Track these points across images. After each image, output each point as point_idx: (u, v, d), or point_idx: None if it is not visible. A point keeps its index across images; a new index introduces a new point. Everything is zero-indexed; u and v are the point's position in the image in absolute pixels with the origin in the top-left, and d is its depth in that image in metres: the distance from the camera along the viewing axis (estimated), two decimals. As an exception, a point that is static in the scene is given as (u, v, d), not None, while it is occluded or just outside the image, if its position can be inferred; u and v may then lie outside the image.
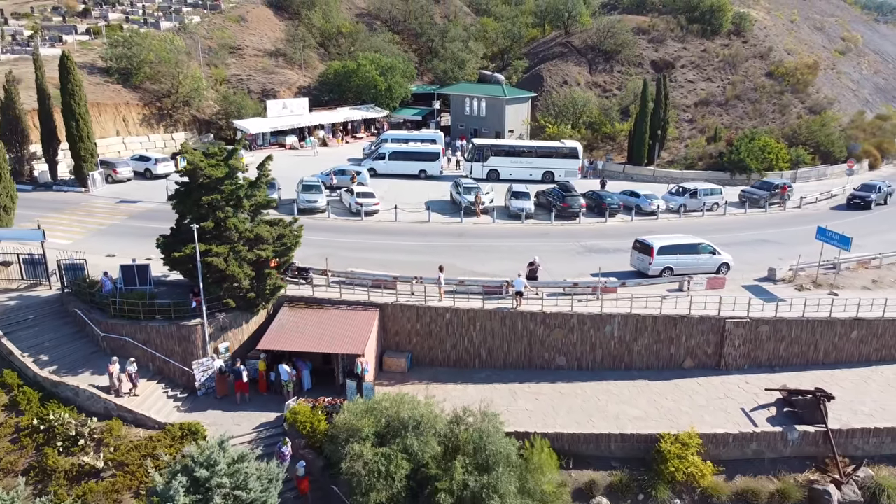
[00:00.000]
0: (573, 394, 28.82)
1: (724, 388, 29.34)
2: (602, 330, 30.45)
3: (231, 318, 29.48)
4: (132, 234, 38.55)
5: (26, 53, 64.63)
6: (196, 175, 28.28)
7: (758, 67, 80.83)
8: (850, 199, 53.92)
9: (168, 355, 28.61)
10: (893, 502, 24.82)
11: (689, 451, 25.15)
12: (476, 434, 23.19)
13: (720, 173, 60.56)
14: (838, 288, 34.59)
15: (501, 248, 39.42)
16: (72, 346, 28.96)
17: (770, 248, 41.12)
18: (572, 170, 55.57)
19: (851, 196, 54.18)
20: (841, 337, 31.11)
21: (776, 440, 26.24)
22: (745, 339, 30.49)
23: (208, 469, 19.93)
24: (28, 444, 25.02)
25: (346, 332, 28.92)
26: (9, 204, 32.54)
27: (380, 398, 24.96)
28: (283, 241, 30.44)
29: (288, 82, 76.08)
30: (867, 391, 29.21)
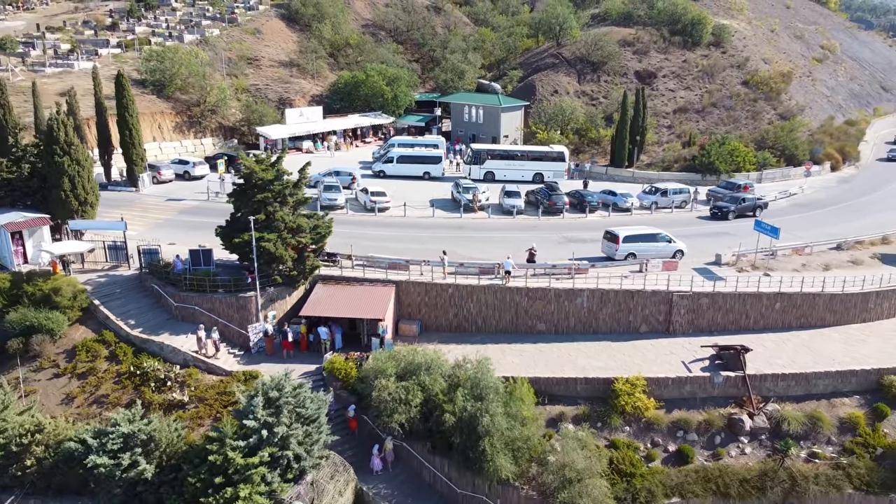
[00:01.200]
0: (550, 351, 36.74)
1: (670, 347, 37.27)
2: (574, 302, 38.39)
3: (277, 291, 37.43)
4: (183, 226, 46.52)
5: (67, 67, 72.77)
6: (251, 178, 36.20)
7: (734, 76, 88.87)
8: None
9: (228, 321, 36.53)
10: (792, 428, 32.72)
11: (637, 390, 33.08)
12: (473, 373, 31.12)
13: (693, 175, 68.46)
14: (772, 270, 42.55)
15: (495, 238, 47.35)
16: (151, 313, 36.92)
17: (726, 238, 48.87)
18: (559, 172, 63.52)
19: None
20: (767, 307, 39.05)
21: (706, 383, 34.19)
22: (688, 308, 38.46)
23: (278, 391, 27.87)
24: (128, 384, 32.97)
25: (369, 302, 36.89)
26: (94, 201, 40.41)
27: (398, 349, 32.99)
28: (318, 230, 38.39)
29: (302, 91, 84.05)
30: (784, 349, 37.11)
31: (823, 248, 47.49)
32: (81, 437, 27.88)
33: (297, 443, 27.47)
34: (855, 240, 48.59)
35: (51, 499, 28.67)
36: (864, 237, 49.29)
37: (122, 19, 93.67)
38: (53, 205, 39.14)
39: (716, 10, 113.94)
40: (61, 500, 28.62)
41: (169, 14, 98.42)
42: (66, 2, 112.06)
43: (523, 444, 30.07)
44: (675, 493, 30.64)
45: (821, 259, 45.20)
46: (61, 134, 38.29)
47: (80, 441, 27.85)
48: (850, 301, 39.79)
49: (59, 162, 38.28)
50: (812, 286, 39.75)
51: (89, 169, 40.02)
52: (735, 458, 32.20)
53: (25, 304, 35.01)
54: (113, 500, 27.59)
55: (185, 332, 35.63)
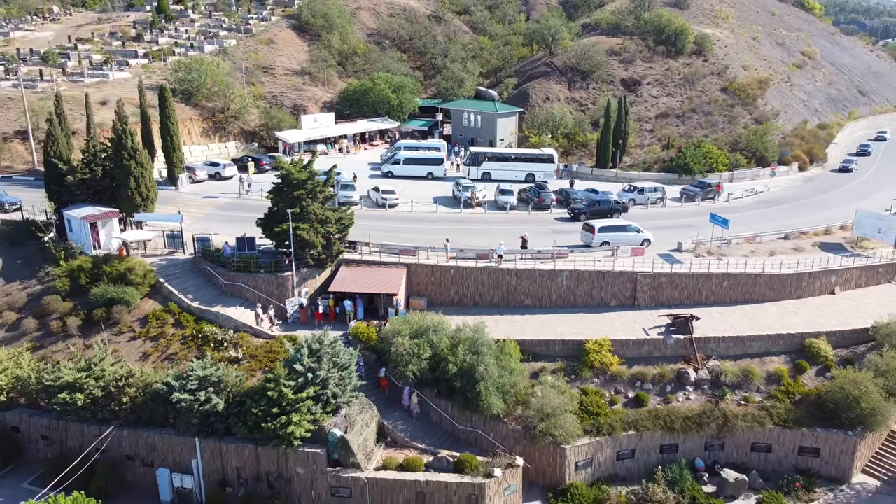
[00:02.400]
0: (534, 320, 45.11)
1: (634, 317, 45.65)
2: (555, 280, 46.79)
3: (309, 272, 45.83)
4: (221, 219, 54.90)
5: (103, 77, 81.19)
6: (289, 178, 44.56)
7: (714, 83, 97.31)
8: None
9: (269, 296, 44.88)
10: (728, 380, 41.09)
11: (604, 350, 41.49)
12: (471, 334, 39.52)
13: (671, 175, 76.88)
14: (724, 255, 50.96)
15: (491, 230, 55.72)
16: (205, 290, 45.31)
17: (691, 230, 57.11)
18: (549, 172, 71.91)
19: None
20: (716, 285, 47.43)
21: (660, 344, 42.59)
22: (650, 286, 46.84)
23: (319, 344, 36.32)
24: (191, 345, 41.36)
25: (385, 280, 45.32)
26: (154, 197, 48.76)
27: (411, 315, 41.44)
28: (342, 221, 46.80)
29: (314, 98, 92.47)
30: (728, 319, 45.46)
31: (773, 238, 55.94)
32: (166, 381, 36.33)
33: (334, 384, 35.86)
34: (800, 231, 57.12)
35: (140, 429, 37.10)
36: (809, 229, 57.80)
37: (146, 30, 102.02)
38: (121, 200, 47.53)
39: (702, 19, 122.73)
40: (149, 430, 37.01)
41: (188, 25, 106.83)
42: (90, 12, 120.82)
43: (511, 389, 38.49)
44: (631, 427, 39.06)
45: (768, 247, 53.64)
46: (128, 141, 46.70)
47: (165, 383, 36.29)
48: (786, 280, 48.21)
49: (127, 165, 46.68)
50: (755, 268, 48.15)
51: (150, 170, 48.42)
52: (681, 402, 40.64)
53: (105, 281, 43.38)
54: (190, 428, 35.99)
55: (235, 305, 44.03)
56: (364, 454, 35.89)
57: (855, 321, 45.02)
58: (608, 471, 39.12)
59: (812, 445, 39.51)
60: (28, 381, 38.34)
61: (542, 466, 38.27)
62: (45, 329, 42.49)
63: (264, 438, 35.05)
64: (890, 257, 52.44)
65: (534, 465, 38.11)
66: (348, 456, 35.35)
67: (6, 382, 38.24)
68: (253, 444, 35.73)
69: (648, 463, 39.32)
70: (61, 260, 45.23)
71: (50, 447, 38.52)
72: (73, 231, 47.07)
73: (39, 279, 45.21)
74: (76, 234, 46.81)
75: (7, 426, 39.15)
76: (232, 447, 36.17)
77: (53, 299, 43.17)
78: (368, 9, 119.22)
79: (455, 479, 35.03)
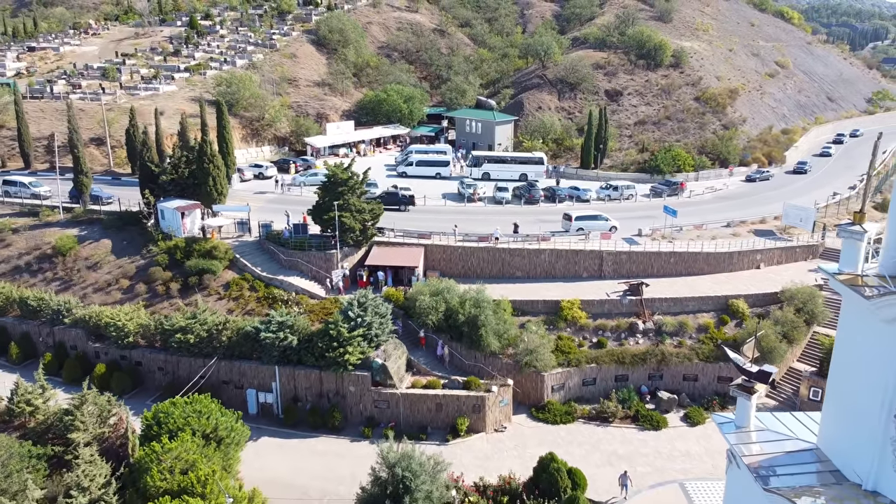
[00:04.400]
0: (524, 287, 60.08)
1: (600, 284, 60.60)
2: (540, 257, 61.76)
3: (349, 250, 60.79)
4: (271, 210, 69.76)
5: (154, 90, 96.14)
6: (335, 177, 59.49)
7: (688, 93, 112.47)
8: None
9: (318, 268, 59.81)
10: (668, 329, 56.04)
11: (575, 307, 56.47)
12: (475, 294, 54.46)
13: (644, 175, 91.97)
14: (675, 239, 65.98)
15: (490, 219, 70.64)
16: (269, 264, 60.28)
17: (652, 220, 71.97)
18: (539, 172, 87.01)
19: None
20: (665, 261, 62.42)
21: (618, 303, 57.58)
22: (613, 261, 61.82)
23: (365, 298, 51.30)
24: (264, 304, 56.30)
25: (408, 257, 60.29)
26: (226, 193, 63.71)
27: (430, 280, 56.42)
28: (374, 212, 61.74)
29: (334, 107, 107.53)
30: (672, 286, 60.38)
31: (717, 226, 71.03)
32: (255, 325, 51.34)
33: (376, 327, 50.82)
34: (740, 220, 72.24)
35: (234, 361, 52.07)
36: (748, 219, 72.91)
37: (182, 45, 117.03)
38: (202, 195, 62.49)
39: (683, 31, 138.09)
40: (240, 361, 51.96)
41: (218, 40, 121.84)
42: (124, 26, 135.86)
43: (504, 334, 53.45)
44: (594, 362, 54.13)
45: (712, 233, 68.72)
46: (208, 149, 61.68)
47: (254, 327, 51.29)
48: (720, 257, 63.25)
49: (207, 167, 61.68)
50: (697, 248, 63.21)
51: (223, 172, 63.39)
52: (632, 345, 55.65)
53: (195, 256, 58.34)
54: (272, 359, 50.94)
55: (294, 275, 59.05)
56: (398, 377, 50.89)
57: (769, 287, 60.06)
58: (576, 393, 54.14)
59: (727, 375, 54.40)
60: (149, 328, 53.33)
61: (527, 390, 53.27)
62: (152, 292, 57.51)
63: (326, 365, 50.06)
64: (806, 240, 67.53)
65: (521, 389, 53.12)
66: (387, 378, 50.33)
67: (133, 328, 53.21)
68: (317, 369, 50.71)
69: (606, 388, 54.33)
70: (160, 240, 60.18)
71: (165, 376, 53.49)
72: (164, 219, 62.07)
73: (143, 255, 60.26)
74: (168, 222, 61.81)
75: (133, 361, 54.12)
76: (302, 372, 51.16)
77: (157, 270, 58.19)
78: (378, 23, 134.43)
79: (463, 393, 50.08)
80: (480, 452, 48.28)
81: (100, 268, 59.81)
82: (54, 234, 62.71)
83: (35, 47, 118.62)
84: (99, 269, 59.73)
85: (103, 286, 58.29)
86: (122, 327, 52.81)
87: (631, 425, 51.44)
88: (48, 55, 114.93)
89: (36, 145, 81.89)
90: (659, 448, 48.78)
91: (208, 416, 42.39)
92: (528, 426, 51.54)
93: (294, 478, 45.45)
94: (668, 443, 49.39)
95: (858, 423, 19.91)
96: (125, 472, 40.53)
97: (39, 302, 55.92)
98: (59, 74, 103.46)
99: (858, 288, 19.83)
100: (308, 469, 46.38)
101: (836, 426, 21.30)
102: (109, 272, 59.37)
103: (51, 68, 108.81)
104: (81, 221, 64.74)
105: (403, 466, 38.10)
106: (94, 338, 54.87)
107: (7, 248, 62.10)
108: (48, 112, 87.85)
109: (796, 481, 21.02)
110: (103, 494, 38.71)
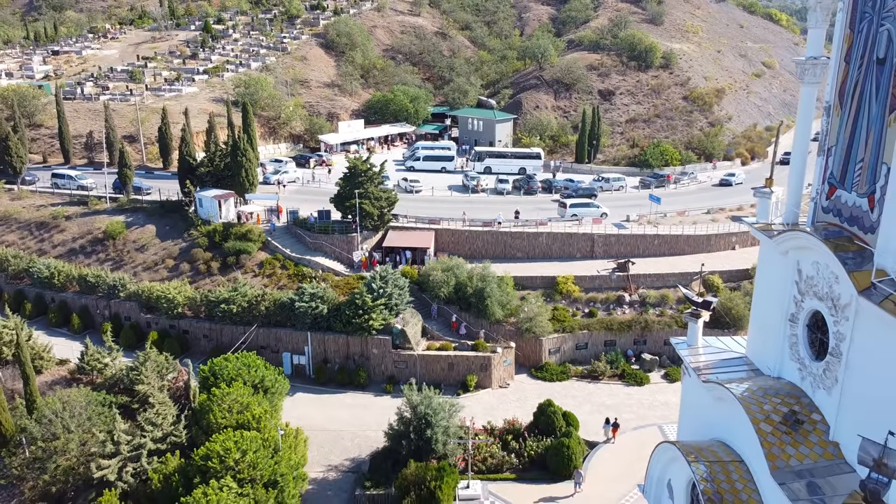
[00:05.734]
0: (524, 266, 68.34)
1: (592, 263, 68.89)
2: (538, 239, 70.00)
3: (368, 233, 68.99)
4: (294, 199, 77.91)
5: (177, 91, 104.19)
6: (356, 168, 67.63)
7: (677, 93, 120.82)
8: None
9: (341, 250, 67.94)
10: (651, 301, 64.26)
11: (569, 282, 64.72)
12: (481, 270, 62.66)
13: (634, 168, 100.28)
14: (659, 224, 74.27)
15: (491, 207, 78.90)
16: (297, 246, 68.46)
17: (640, 207, 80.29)
18: (537, 166, 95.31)
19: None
20: (650, 243, 70.71)
21: (608, 278, 65.86)
22: (604, 243, 70.11)
23: (385, 273, 59.47)
24: (295, 280, 64.46)
25: (420, 239, 68.53)
26: (256, 183, 71.82)
27: (441, 259, 64.62)
28: (389, 199, 69.94)
29: (344, 107, 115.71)
30: (656, 265, 68.66)
31: (699, 213, 79.36)
32: (290, 296, 59.45)
33: (395, 297, 58.95)
34: (719, 207, 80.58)
35: (271, 328, 60.16)
36: (726, 206, 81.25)
37: (199, 48, 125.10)
38: (236, 185, 70.63)
39: (673, 33, 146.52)
40: (276, 328, 60.04)
41: (232, 44, 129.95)
42: (140, 30, 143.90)
43: (507, 304, 61.67)
44: (585, 329, 62.41)
45: (693, 218, 77.12)
46: (241, 144, 69.78)
47: (289, 298, 59.40)
48: (700, 239, 71.59)
49: (240, 161, 69.82)
50: (678, 231, 71.50)
51: (254, 164, 71.53)
52: (619, 315, 63.87)
53: (232, 239, 66.45)
54: (304, 326, 59.07)
55: (319, 256, 67.23)
56: (415, 341, 59.06)
57: (742, 265, 68.42)
58: (570, 356, 62.42)
59: (703, 341, 62.56)
60: (195, 300, 61.45)
61: (528, 353, 61.50)
62: (194, 270, 65.63)
63: (352, 331, 58.22)
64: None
65: (522, 353, 61.33)
66: (405, 342, 58.51)
67: (182, 300, 61.31)
68: (345, 335, 58.86)
69: (596, 351, 62.60)
70: (199, 225, 68.27)
71: (209, 342, 61.59)
72: (202, 206, 70.20)
73: (184, 238, 68.40)
74: (206, 209, 69.94)
75: (181, 330, 62.21)
76: (331, 337, 59.31)
77: (198, 251, 66.34)
78: (383, 27, 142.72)
79: (472, 354, 58.31)
80: (487, 404, 56.47)
81: (147, 249, 67.94)
82: (103, 221, 70.85)
83: (58, 51, 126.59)
84: (146, 250, 67.86)
85: (151, 265, 66.42)
86: (171, 300, 60.91)
87: (618, 382, 59.77)
88: (72, 58, 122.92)
89: (74, 143, 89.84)
90: (641, 399, 57.09)
91: (255, 369, 50.56)
92: (529, 383, 59.81)
93: (327, 424, 53.64)
94: (650, 395, 57.69)
95: (769, 330, 28.09)
96: (188, 413, 48.70)
97: (97, 278, 64.03)
98: (87, 77, 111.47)
99: (768, 231, 28.06)
100: (339, 417, 54.59)
101: (756, 336, 29.54)
102: (155, 253, 67.49)
103: (76, 71, 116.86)
104: (126, 209, 72.88)
105: (425, 405, 46.41)
106: (146, 309, 63.00)
107: (62, 233, 70.27)
108: (81, 112, 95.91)
109: (728, 377, 29.22)
110: (173, 430, 46.99)
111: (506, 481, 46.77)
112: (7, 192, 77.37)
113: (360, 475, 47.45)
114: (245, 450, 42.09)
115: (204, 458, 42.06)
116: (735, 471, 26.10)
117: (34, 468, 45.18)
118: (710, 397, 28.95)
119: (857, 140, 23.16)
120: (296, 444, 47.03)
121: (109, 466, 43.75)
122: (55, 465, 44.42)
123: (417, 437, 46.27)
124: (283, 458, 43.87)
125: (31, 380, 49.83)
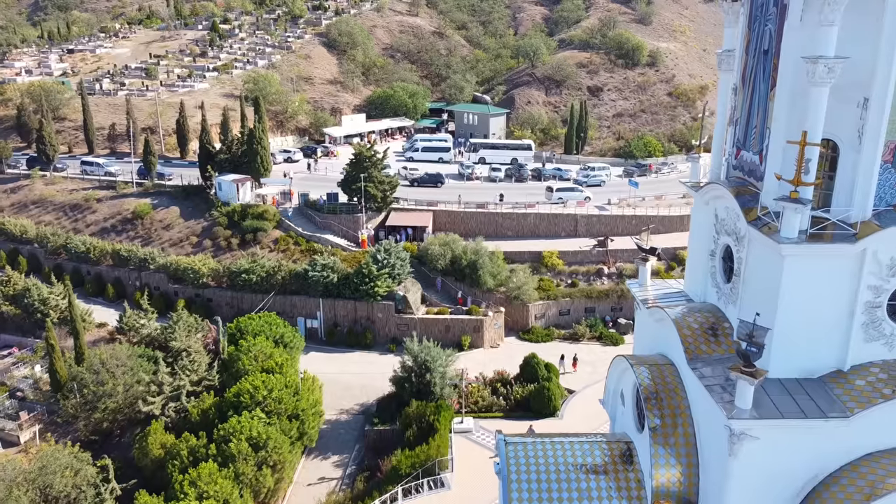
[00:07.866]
0: (514, 243, 76.46)
1: (575, 241, 77.01)
2: (527, 220, 78.12)
3: (372, 214, 77.07)
4: (302, 185, 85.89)
5: (190, 88, 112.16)
6: (362, 155, 75.69)
7: (662, 89, 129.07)
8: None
9: (348, 228, 75.94)
10: (627, 273, 72.36)
11: (554, 256, 72.88)
12: (474, 245, 70.74)
13: (619, 159, 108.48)
14: (637, 206, 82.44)
15: (486, 193, 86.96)
16: (308, 225, 76.52)
17: (622, 193, 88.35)
18: (528, 157, 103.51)
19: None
20: (627, 222, 78.86)
21: (589, 253, 74.06)
22: (586, 223, 78.29)
23: (389, 246, 67.54)
24: (307, 255, 72.45)
25: (420, 219, 76.65)
26: (270, 169, 79.84)
27: (439, 235, 72.73)
28: (391, 183, 78.09)
29: (346, 102, 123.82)
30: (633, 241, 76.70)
31: (675, 197, 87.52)
32: (304, 267, 67.44)
33: (398, 267, 66.99)
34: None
35: (287, 295, 68.16)
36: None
37: (207, 47, 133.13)
38: (252, 170, 78.65)
39: (661, 33, 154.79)
40: (292, 296, 68.03)
41: (238, 43, 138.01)
42: (149, 30, 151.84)
43: (498, 275, 69.76)
44: (568, 297, 70.58)
45: (669, 202, 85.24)
46: (256, 134, 77.83)
47: (303, 268, 67.39)
48: (674, 219, 79.86)
49: (255, 148, 77.87)
50: (653, 213, 79.66)
51: (269, 152, 79.56)
52: (599, 285, 71.99)
53: (250, 218, 74.46)
54: (317, 293, 67.11)
55: (328, 234, 75.30)
56: (415, 307, 67.14)
57: (711, 242, 76.43)
58: (554, 321, 70.57)
59: (674, 308, 70.70)
60: (218, 271, 69.42)
61: (516, 318, 69.59)
62: (216, 246, 73.68)
63: (359, 297, 66.26)
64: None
65: (511, 318, 69.41)
66: (407, 307, 66.58)
67: (206, 272, 69.29)
68: (353, 300, 66.90)
69: (578, 317, 70.75)
70: (219, 206, 76.28)
71: (231, 309, 69.57)
72: (222, 189, 78.25)
73: (206, 218, 76.45)
74: (225, 192, 77.99)
75: (205, 298, 70.21)
76: (340, 303, 67.36)
77: (219, 229, 74.37)
78: (382, 27, 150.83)
79: (466, 317, 66.39)
80: (480, 361, 64.53)
81: (172, 228, 75.98)
82: (131, 203, 78.93)
83: (73, 49, 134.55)
84: (171, 229, 75.90)
85: (176, 242, 74.42)
86: (197, 271, 68.94)
87: (596, 343, 68.02)
88: (86, 57, 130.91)
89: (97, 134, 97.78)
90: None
91: (276, 326, 58.65)
92: (517, 344, 67.96)
93: (338, 377, 61.67)
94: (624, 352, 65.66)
95: (697, 266, 36.16)
96: (219, 363, 56.73)
97: (129, 253, 72.07)
98: (103, 74, 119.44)
99: (696, 187, 36.17)
100: (348, 371, 62.70)
101: (689, 272, 37.63)
102: (180, 231, 75.53)
103: (91, 68, 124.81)
104: (151, 193, 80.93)
105: (425, 353, 54.40)
106: (173, 280, 71.03)
107: (94, 214, 78.29)
108: (101, 106, 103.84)
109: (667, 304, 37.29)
110: (206, 374, 55.05)
111: (494, 419, 54.79)
112: (42, 178, 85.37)
113: (368, 415, 55.54)
114: (271, 388, 50.23)
115: (236, 395, 50.22)
116: (668, 373, 34.14)
117: (85, 409, 53.20)
118: (653, 320, 37.00)
119: (753, 112, 31.25)
120: (313, 388, 55.07)
121: (154, 402, 51.84)
122: (104, 405, 52.40)
123: (418, 380, 54.23)
124: (304, 396, 52.00)
125: (80, 335, 57.96)
